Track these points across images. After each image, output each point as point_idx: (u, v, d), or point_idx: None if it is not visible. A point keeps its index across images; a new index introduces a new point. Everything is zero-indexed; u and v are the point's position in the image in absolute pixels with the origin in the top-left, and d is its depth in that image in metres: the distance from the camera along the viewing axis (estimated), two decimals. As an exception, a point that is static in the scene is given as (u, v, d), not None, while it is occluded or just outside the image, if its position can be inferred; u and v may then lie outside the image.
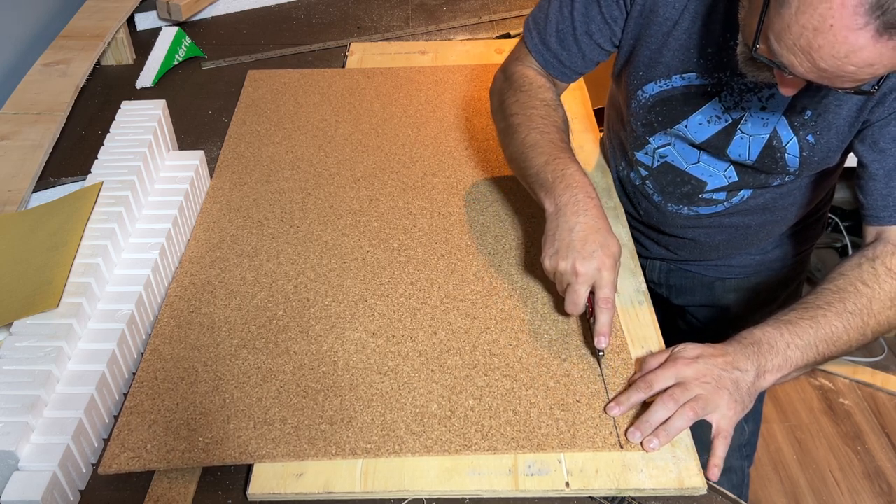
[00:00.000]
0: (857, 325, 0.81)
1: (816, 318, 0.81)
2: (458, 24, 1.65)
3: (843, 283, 0.83)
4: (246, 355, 0.86)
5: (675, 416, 0.76)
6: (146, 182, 1.01)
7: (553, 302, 0.93)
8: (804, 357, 0.80)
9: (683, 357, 0.79)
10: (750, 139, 0.93)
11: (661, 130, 1.00)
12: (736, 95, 0.91)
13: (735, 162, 0.98)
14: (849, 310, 0.81)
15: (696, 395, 0.76)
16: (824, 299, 0.83)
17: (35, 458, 0.70)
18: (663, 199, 1.07)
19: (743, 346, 0.79)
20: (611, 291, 0.84)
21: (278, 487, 0.74)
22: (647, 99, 0.99)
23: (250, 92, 1.36)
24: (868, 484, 1.84)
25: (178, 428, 0.78)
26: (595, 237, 0.84)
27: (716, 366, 0.77)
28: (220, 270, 0.98)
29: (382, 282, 0.96)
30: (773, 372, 0.79)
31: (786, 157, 0.93)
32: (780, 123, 0.91)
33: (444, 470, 0.75)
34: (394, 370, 0.84)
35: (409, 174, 1.15)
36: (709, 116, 0.95)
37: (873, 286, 0.83)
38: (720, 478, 0.75)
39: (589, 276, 0.83)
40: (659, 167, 1.04)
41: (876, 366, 2.14)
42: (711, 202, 1.04)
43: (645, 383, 0.79)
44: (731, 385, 0.77)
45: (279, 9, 1.73)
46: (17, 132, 1.17)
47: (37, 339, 0.78)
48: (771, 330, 0.80)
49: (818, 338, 0.80)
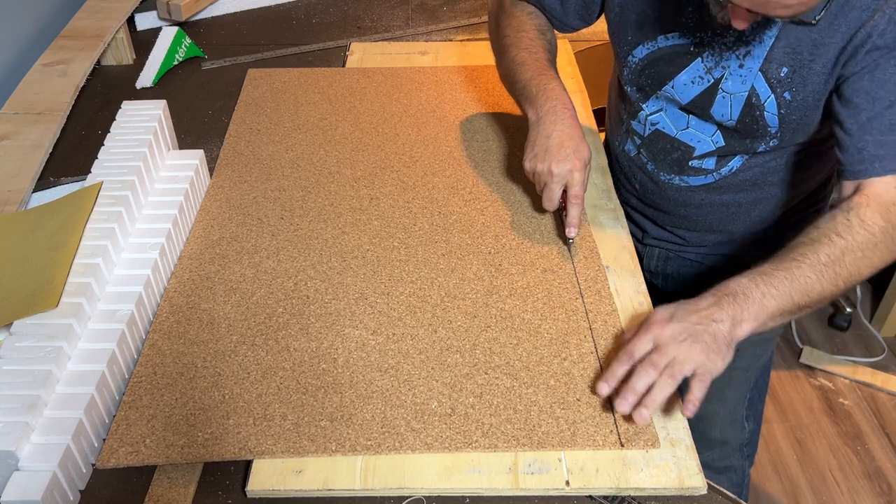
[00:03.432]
0: (830, 276, 0.83)
1: (791, 269, 0.83)
2: (458, 24, 1.66)
3: (818, 234, 0.86)
4: (245, 352, 0.86)
5: (655, 386, 0.76)
6: (146, 182, 1.01)
7: (553, 301, 0.93)
8: (780, 307, 0.82)
9: (658, 320, 0.81)
10: (731, 98, 0.97)
11: (653, 95, 1.06)
12: (717, 55, 0.96)
13: (720, 125, 1.02)
14: (822, 261, 0.83)
15: (673, 356, 0.77)
16: (799, 251, 0.85)
17: (35, 458, 0.70)
18: (656, 167, 1.11)
19: (718, 298, 0.81)
20: (581, 189, 0.97)
21: (278, 484, 0.74)
22: (637, 63, 1.05)
23: (250, 90, 1.36)
24: (868, 484, 1.84)
25: (177, 423, 0.78)
26: (569, 143, 0.96)
27: (690, 322, 0.79)
28: (220, 267, 0.98)
29: (382, 280, 0.96)
30: (749, 321, 0.80)
31: (765, 116, 0.96)
32: (757, 80, 0.94)
33: (445, 468, 0.75)
34: (394, 367, 0.84)
35: (409, 173, 1.15)
36: (693, 77, 0.99)
37: (846, 237, 0.85)
38: (720, 477, 0.76)
39: (562, 177, 0.96)
40: (650, 135, 1.10)
41: (876, 366, 2.14)
42: (701, 171, 1.08)
43: (626, 353, 0.80)
44: (708, 338, 0.78)
45: (279, 9, 1.73)
46: (17, 132, 1.18)
47: (37, 339, 0.78)
48: (746, 281, 0.82)
49: (793, 288, 0.82)
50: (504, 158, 1.18)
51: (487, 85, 1.37)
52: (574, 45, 1.55)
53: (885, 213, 0.86)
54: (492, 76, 1.38)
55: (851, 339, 2.24)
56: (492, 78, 1.38)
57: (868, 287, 2.39)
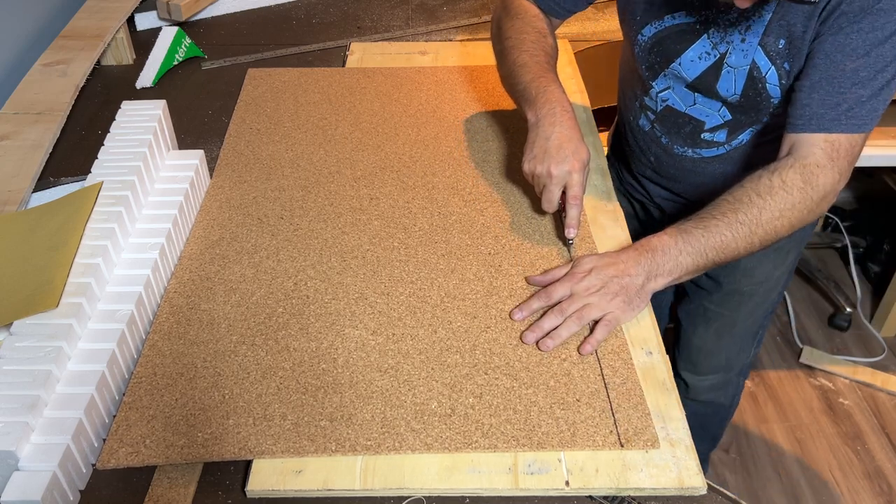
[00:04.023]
0: (744, 235, 0.90)
1: (709, 227, 0.90)
2: (458, 24, 1.66)
3: (740, 193, 0.92)
4: (245, 352, 0.86)
5: (562, 325, 0.87)
6: (146, 182, 1.01)
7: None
8: (695, 262, 0.90)
9: (578, 271, 0.91)
10: (735, 72, 1.02)
11: (662, 72, 1.11)
12: (721, 31, 1.01)
13: (724, 101, 1.07)
14: (739, 220, 0.90)
15: (583, 304, 0.88)
16: (720, 209, 0.92)
17: (35, 458, 0.70)
18: (670, 140, 1.17)
19: (638, 254, 0.90)
20: (580, 190, 0.98)
21: (277, 484, 0.74)
22: (646, 41, 1.09)
23: (250, 90, 1.36)
24: (868, 484, 1.85)
25: (177, 424, 0.78)
26: (568, 145, 0.98)
27: (606, 275, 0.89)
28: (220, 267, 0.98)
29: (382, 280, 0.96)
30: (664, 276, 0.90)
31: (767, 88, 1.01)
32: (757, 54, 0.99)
33: (444, 468, 0.75)
34: (394, 367, 0.84)
35: (409, 173, 1.15)
36: (699, 53, 1.04)
37: (766, 198, 0.91)
38: (718, 393, 1.09)
39: (561, 178, 0.98)
40: (662, 111, 1.15)
41: (876, 366, 2.14)
42: (713, 144, 1.13)
43: (545, 294, 0.91)
44: (621, 290, 0.88)
45: (279, 9, 1.73)
46: (17, 132, 1.18)
47: (37, 339, 0.78)
48: (667, 238, 0.91)
49: (708, 245, 0.90)
50: (504, 159, 1.18)
51: (487, 85, 1.37)
52: (574, 45, 1.55)
53: (805, 175, 0.91)
54: (492, 76, 1.38)
55: (851, 339, 2.25)
56: (492, 78, 1.38)
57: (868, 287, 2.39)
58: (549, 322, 0.88)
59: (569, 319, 0.87)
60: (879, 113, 0.93)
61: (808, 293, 2.41)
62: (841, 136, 0.92)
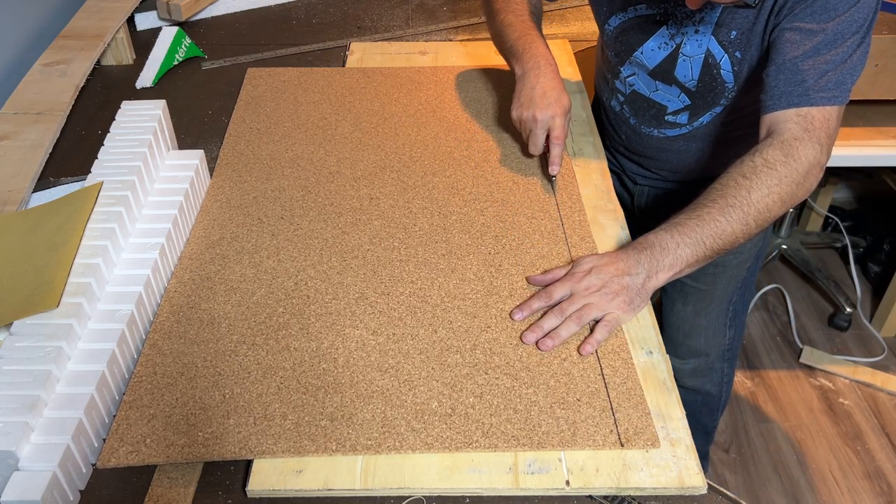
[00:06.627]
0: (738, 217, 0.91)
1: (702, 216, 0.91)
2: (458, 24, 1.66)
3: (726, 179, 0.94)
4: (246, 351, 0.86)
5: (562, 325, 0.87)
6: (146, 182, 1.01)
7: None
8: (694, 253, 0.90)
9: (578, 271, 0.91)
10: (691, 61, 1.11)
11: (627, 59, 1.19)
12: (678, 23, 1.09)
13: (683, 87, 1.15)
14: (730, 204, 0.91)
15: (583, 304, 0.88)
16: (710, 197, 0.93)
17: (35, 458, 0.70)
18: (637, 121, 1.26)
19: (637, 252, 0.91)
20: (562, 132, 1.08)
21: (278, 484, 0.74)
22: (612, 31, 1.18)
23: (250, 90, 1.36)
24: (868, 484, 1.85)
25: (178, 423, 0.78)
26: (551, 93, 1.08)
27: (606, 275, 0.89)
28: (220, 267, 0.98)
29: (383, 280, 0.96)
30: (665, 271, 0.90)
31: (722, 74, 1.10)
32: (711, 43, 1.08)
33: (445, 467, 0.75)
34: (394, 367, 0.84)
35: (409, 173, 1.15)
36: (659, 43, 1.13)
37: (751, 178, 0.92)
38: (703, 379, 1.13)
39: (545, 122, 1.08)
40: (630, 94, 1.24)
41: (876, 366, 2.14)
42: (676, 125, 1.22)
43: (546, 294, 0.91)
44: (621, 290, 0.89)
45: (279, 9, 1.73)
46: (17, 132, 1.18)
47: (37, 339, 0.78)
48: (663, 233, 0.91)
49: (705, 234, 0.90)
50: (504, 159, 1.18)
51: (487, 85, 1.37)
52: (574, 45, 1.56)
53: (785, 149, 0.93)
54: (492, 76, 1.39)
55: (851, 339, 2.25)
56: (492, 78, 1.38)
57: (868, 287, 2.39)
58: (549, 322, 0.88)
59: (569, 319, 0.88)
60: (848, 86, 0.96)
61: (808, 293, 2.41)
62: (812, 110, 0.95)
